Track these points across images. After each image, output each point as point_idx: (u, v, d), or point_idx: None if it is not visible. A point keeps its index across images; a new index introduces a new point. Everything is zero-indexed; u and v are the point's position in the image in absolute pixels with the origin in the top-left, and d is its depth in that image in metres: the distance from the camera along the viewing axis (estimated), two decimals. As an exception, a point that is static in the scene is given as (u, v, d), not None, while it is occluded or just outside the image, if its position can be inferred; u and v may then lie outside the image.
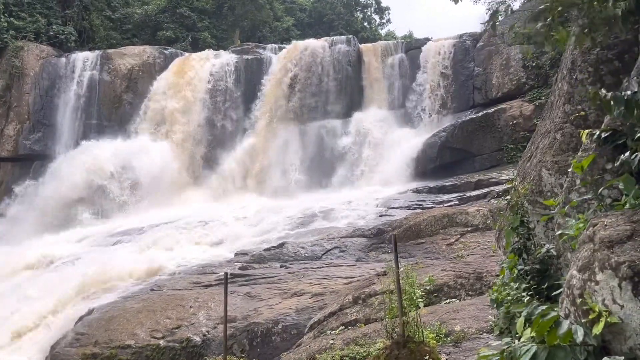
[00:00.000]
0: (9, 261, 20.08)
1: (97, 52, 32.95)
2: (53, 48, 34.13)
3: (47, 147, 30.66)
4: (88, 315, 12.90)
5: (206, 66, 31.67)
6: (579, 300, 3.25)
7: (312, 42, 31.92)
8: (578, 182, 4.56)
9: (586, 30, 4.57)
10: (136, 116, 31.12)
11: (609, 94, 3.96)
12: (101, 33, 38.81)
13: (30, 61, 32.29)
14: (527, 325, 3.47)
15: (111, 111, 31.48)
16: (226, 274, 8.11)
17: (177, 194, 28.43)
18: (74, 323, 12.94)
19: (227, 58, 32.10)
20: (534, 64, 25.27)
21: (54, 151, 30.16)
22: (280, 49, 32.88)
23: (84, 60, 32.19)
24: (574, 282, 3.35)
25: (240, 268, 14.80)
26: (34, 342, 13.55)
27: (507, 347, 3.37)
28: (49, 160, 29.62)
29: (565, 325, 3.07)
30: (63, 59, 32.62)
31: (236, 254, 16.88)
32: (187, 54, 34.15)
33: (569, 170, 4.69)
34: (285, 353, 9.07)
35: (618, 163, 4.03)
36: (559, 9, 4.46)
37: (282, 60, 31.07)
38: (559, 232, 4.24)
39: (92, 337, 11.56)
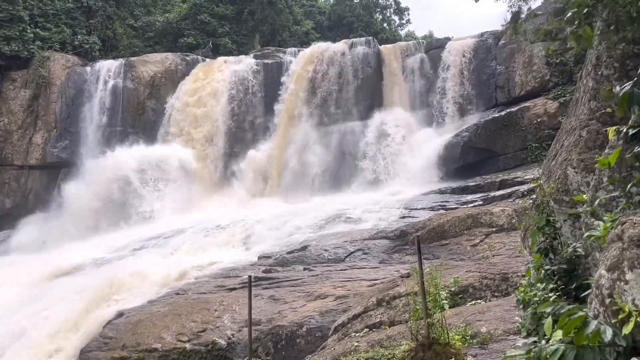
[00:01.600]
0: (40, 267, 20.53)
1: (121, 60, 33.59)
2: (78, 57, 34.94)
3: (74, 154, 31.28)
4: (116, 319, 13.11)
5: (227, 71, 31.99)
6: (608, 300, 3.18)
7: (331, 45, 32.00)
8: (605, 179, 4.47)
9: (612, 28, 4.47)
10: (159, 122, 31.61)
11: (622, 91, 3.86)
12: (124, 41, 39.52)
13: (56, 71, 33.09)
14: (554, 326, 3.41)
15: (135, 118, 32.02)
16: (250, 277, 8.15)
17: (200, 198, 28.75)
18: (102, 327, 13.16)
19: (247, 63, 32.39)
20: (557, 61, 24.82)
21: (81, 158, 30.76)
22: (300, 52, 33.05)
23: (108, 68, 32.84)
24: (603, 282, 3.28)
25: (264, 271, 14.87)
26: (65, 345, 13.81)
27: (534, 347, 3.31)
28: (76, 168, 30.23)
29: (592, 324, 3.01)
30: (88, 68, 33.35)
31: (260, 257, 16.96)
32: (208, 59, 34.60)
33: (596, 167, 4.60)
34: (310, 356, 9.06)
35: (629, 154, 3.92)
36: (585, 10, 4.36)
37: (302, 64, 31.18)
38: (587, 232, 4.16)
39: (120, 341, 11.75)
